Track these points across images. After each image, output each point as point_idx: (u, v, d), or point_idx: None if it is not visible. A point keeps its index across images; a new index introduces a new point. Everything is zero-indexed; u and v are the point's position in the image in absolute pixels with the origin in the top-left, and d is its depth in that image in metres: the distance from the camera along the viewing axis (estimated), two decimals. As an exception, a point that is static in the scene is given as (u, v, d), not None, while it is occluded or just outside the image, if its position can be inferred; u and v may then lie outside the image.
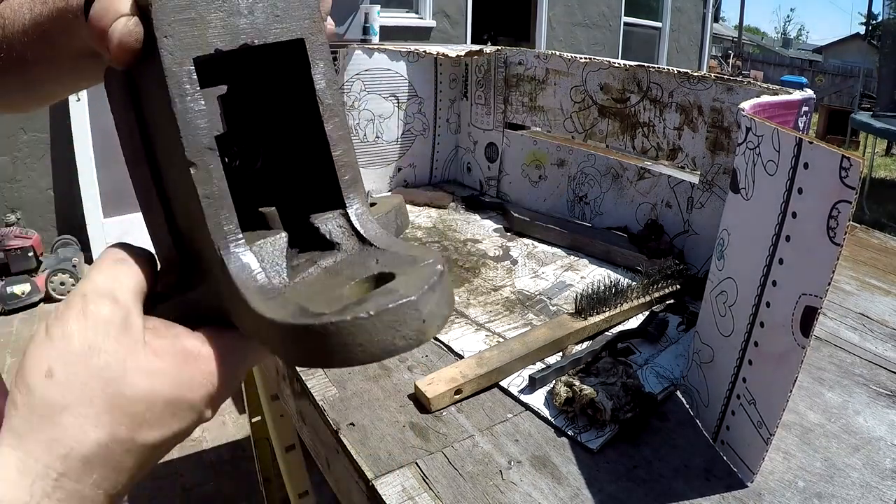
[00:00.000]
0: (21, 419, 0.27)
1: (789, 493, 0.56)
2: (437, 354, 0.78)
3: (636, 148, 1.09)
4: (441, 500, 0.55)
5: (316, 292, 0.32)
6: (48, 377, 0.27)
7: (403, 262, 0.32)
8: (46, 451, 0.26)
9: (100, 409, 0.28)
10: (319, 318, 0.27)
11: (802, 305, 0.50)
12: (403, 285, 0.29)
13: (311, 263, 0.35)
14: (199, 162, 0.30)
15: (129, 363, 0.29)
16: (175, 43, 0.29)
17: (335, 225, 0.36)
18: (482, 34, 6.53)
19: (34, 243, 3.17)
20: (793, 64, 16.70)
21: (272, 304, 0.30)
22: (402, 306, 0.27)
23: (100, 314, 0.29)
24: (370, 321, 0.27)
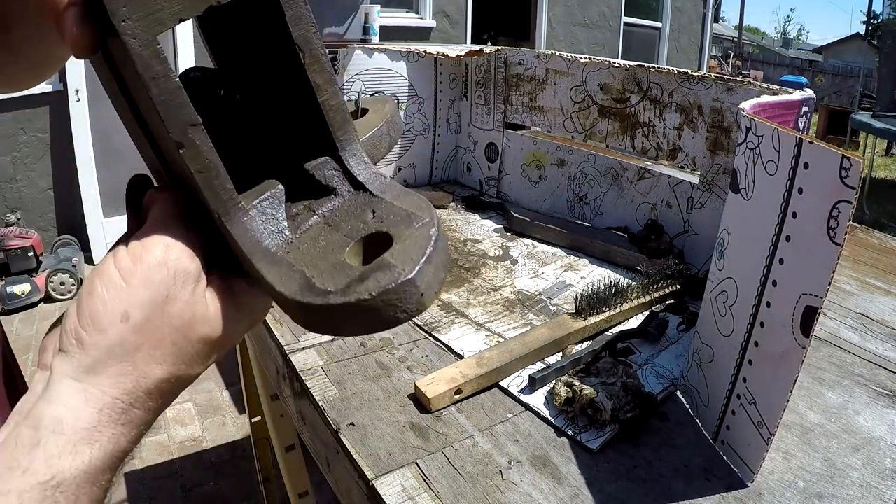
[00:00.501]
0: (87, 356, 0.29)
1: (789, 493, 0.56)
2: (437, 354, 0.78)
3: (636, 148, 1.09)
4: (441, 500, 0.55)
5: (318, 255, 0.32)
6: (124, 321, 0.30)
7: (399, 219, 0.33)
8: (114, 385, 0.30)
9: (167, 350, 0.31)
10: (325, 298, 0.29)
11: (802, 305, 0.50)
12: (400, 258, 0.30)
13: (310, 212, 0.35)
14: (185, 141, 0.30)
15: (196, 312, 0.32)
16: (135, 25, 0.28)
17: (329, 169, 0.36)
18: (482, 34, 6.53)
19: (34, 243, 3.17)
20: (793, 64, 16.71)
21: (278, 272, 0.31)
22: (401, 285, 0.29)
23: (181, 266, 0.31)
24: (373, 301, 0.29)
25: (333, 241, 0.33)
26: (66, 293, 3.14)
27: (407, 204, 0.34)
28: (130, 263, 0.31)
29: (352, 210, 0.35)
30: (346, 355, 0.77)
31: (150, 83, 0.29)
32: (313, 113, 0.36)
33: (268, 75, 0.38)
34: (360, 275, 0.30)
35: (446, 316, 0.87)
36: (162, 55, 0.29)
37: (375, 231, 0.33)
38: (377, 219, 0.34)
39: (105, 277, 0.31)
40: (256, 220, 0.33)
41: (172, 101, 0.30)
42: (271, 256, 0.32)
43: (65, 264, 3.17)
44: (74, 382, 0.29)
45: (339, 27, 4.48)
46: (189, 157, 0.31)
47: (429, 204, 0.33)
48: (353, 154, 0.36)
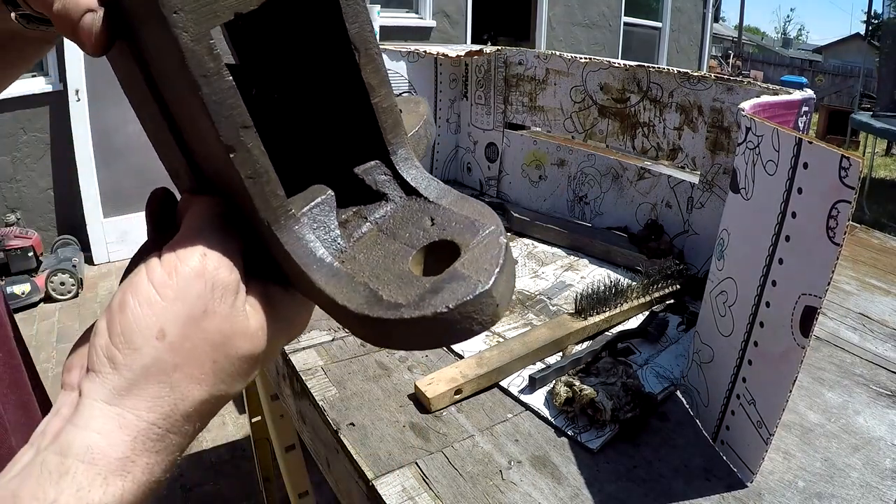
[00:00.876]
0: (120, 377, 0.27)
1: (789, 493, 0.56)
2: (437, 354, 0.78)
3: (636, 148, 1.09)
4: (441, 500, 0.55)
5: (379, 265, 0.31)
6: (160, 339, 0.28)
7: (462, 227, 0.31)
8: (151, 409, 0.27)
9: (207, 370, 0.29)
10: (398, 312, 0.27)
11: (802, 305, 0.50)
12: (473, 268, 0.28)
13: (361, 219, 0.33)
14: (236, 144, 0.28)
15: (236, 327, 0.30)
16: (188, 17, 0.26)
17: (380, 174, 0.34)
18: (482, 34, 6.53)
19: (34, 243, 3.17)
20: (793, 64, 16.71)
21: (338, 284, 0.29)
22: (479, 297, 0.27)
23: (220, 277, 0.29)
24: (450, 314, 0.27)
25: (393, 251, 0.31)
26: (66, 293, 3.14)
27: (468, 211, 0.32)
28: (165, 276, 0.29)
29: (407, 217, 0.33)
30: (346, 355, 0.77)
31: (201, 81, 0.27)
32: (364, 115, 0.34)
33: (313, 74, 0.36)
34: (433, 286, 0.28)
35: (446, 316, 0.87)
36: (215, 51, 0.27)
37: (439, 239, 0.31)
38: (438, 226, 0.32)
39: (138, 291, 0.28)
40: (307, 228, 0.31)
41: (225, 102, 0.28)
42: (328, 267, 0.30)
43: (65, 264, 3.17)
44: (107, 406, 0.27)
45: (339, 27, 4.46)
46: (240, 162, 0.28)
47: (491, 210, 0.32)
48: (405, 158, 0.35)
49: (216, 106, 0.27)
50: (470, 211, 0.32)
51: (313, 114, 0.38)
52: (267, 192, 0.30)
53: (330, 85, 0.35)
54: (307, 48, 0.36)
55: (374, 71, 0.33)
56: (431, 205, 0.33)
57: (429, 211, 0.33)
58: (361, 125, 0.34)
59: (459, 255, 0.29)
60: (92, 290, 3.25)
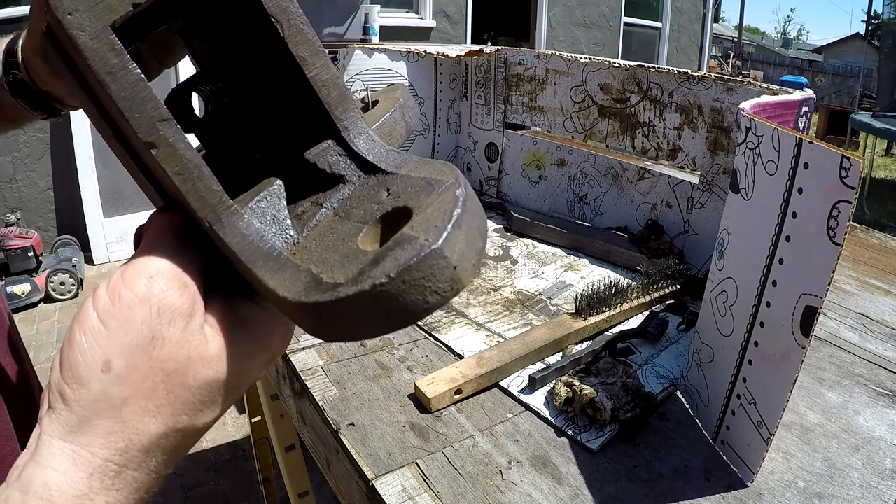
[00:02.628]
0: (72, 414, 0.26)
1: (789, 493, 0.56)
2: (437, 354, 0.78)
3: (636, 148, 1.09)
4: (441, 500, 0.55)
5: (328, 249, 0.28)
6: (105, 371, 0.26)
7: (417, 190, 0.27)
8: (104, 445, 0.26)
9: (161, 401, 0.27)
10: (335, 292, 0.24)
11: (802, 305, 0.50)
12: (422, 228, 0.24)
13: (317, 206, 0.31)
14: (156, 139, 0.26)
15: (192, 353, 0.27)
16: (83, 16, 0.25)
17: (333, 154, 0.31)
18: (482, 34, 6.53)
19: (34, 243, 3.17)
20: (793, 64, 16.71)
21: (283, 276, 0.26)
22: (425, 259, 0.23)
23: (167, 301, 0.27)
24: (392, 284, 0.23)
25: (344, 231, 0.28)
26: (66, 293, 3.14)
27: (426, 172, 0.28)
28: (109, 303, 0.27)
29: (364, 194, 0.30)
30: (346, 355, 0.77)
31: (106, 78, 0.25)
32: (306, 94, 0.31)
33: (252, 63, 0.34)
34: (375, 257, 0.24)
35: (446, 316, 0.87)
36: (118, 46, 0.26)
37: (392, 208, 0.27)
38: (392, 195, 0.28)
39: (83, 322, 0.27)
40: (254, 223, 0.28)
41: (135, 96, 0.26)
42: (274, 261, 0.27)
43: (65, 264, 3.17)
44: (62, 443, 0.26)
45: (339, 27, 4.47)
46: (164, 158, 0.26)
47: (452, 167, 0.28)
48: (358, 133, 0.31)
49: (126, 102, 0.26)
50: (429, 171, 0.28)
51: (267, 107, 0.35)
52: (200, 187, 0.27)
53: (270, 71, 0.33)
54: (240, 36, 0.33)
55: (304, 42, 0.30)
56: (389, 176, 0.30)
57: (385, 182, 0.30)
58: (307, 106, 0.32)
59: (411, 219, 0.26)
60: (92, 290, 3.25)
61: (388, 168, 0.30)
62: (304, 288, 0.25)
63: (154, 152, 0.26)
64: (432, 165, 0.29)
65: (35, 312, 3.03)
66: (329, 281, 0.25)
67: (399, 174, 0.30)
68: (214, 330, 0.28)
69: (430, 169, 0.28)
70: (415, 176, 0.28)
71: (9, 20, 3.28)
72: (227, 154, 0.31)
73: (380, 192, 0.29)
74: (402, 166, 0.30)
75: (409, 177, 0.29)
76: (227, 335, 0.29)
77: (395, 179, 0.29)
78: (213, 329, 0.28)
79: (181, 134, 0.27)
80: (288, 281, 0.26)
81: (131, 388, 0.26)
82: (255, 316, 0.30)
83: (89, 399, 0.26)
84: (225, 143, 0.34)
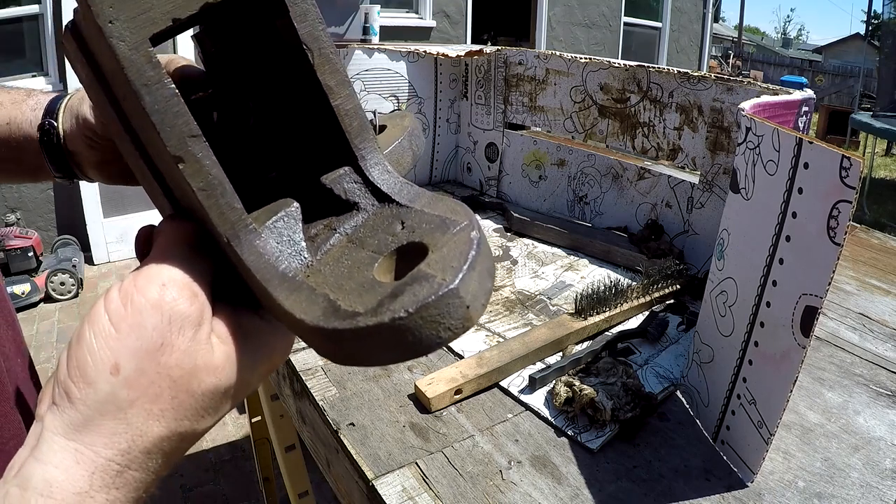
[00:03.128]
0: (76, 412, 0.26)
1: (789, 493, 0.56)
2: (436, 354, 0.78)
3: (636, 148, 1.09)
4: (441, 500, 0.55)
5: (343, 275, 0.29)
6: (114, 373, 0.27)
7: (432, 227, 0.28)
8: (108, 445, 0.26)
9: (166, 405, 0.28)
10: (354, 321, 0.25)
11: (803, 305, 0.50)
12: (439, 267, 0.25)
13: (331, 231, 0.31)
14: (184, 154, 0.27)
15: (198, 361, 0.28)
16: (123, 26, 0.25)
17: (349, 182, 0.32)
18: (482, 34, 6.53)
19: (34, 243, 3.17)
20: (793, 64, 16.71)
21: (298, 298, 0.27)
22: (443, 298, 0.24)
23: (178, 309, 0.28)
24: (410, 319, 0.24)
25: (359, 259, 0.29)
26: (66, 293, 3.14)
27: (440, 210, 0.29)
28: (121, 307, 0.27)
29: (378, 224, 0.31)
30: (346, 355, 0.77)
31: (142, 90, 0.26)
32: (327, 120, 0.32)
33: (275, 83, 0.35)
34: (393, 291, 0.25)
35: (446, 316, 0.87)
36: (155, 59, 0.26)
37: (407, 242, 0.29)
38: (408, 229, 0.29)
39: (94, 323, 0.27)
40: (270, 243, 0.29)
41: (168, 110, 0.27)
42: (289, 282, 0.28)
43: (65, 264, 3.17)
44: (65, 441, 0.26)
45: (339, 27, 4.47)
46: (190, 173, 0.27)
47: (465, 207, 0.29)
48: (375, 163, 0.32)
49: (159, 115, 0.27)
50: (443, 210, 0.29)
51: (283, 125, 0.36)
52: (222, 204, 0.28)
53: (293, 92, 0.34)
54: (266, 56, 0.34)
55: (332, 72, 0.32)
56: (403, 209, 0.31)
57: (400, 215, 0.31)
58: (327, 132, 0.33)
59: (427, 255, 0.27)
60: (92, 290, 3.25)
61: (402, 201, 0.31)
62: (322, 313, 0.26)
63: (181, 167, 0.27)
64: (446, 204, 0.30)
65: (35, 312, 3.03)
66: (347, 309, 0.26)
67: (414, 209, 0.31)
68: (221, 340, 0.29)
69: (444, 207, 0.30)
70: (429, 213, 0.30)
71: (9, 20, 3.28)
72: (242, 169, 0.32)
73: (394, 224, 0.30)
74: (416, 200, 0.31)
75: (423, 213, 0.30)
76: (233, 345, 0.30)
77: (410, 213, 0.30)
78: (220, 339, 0.29)
79: (209, 151, 0.28)
80: (304, 303, 0.27)
81: (138, 391, 0.27)
82: (258, 329, 0.31)
83: (96, 399, 0.26)
84: (241, 158, 0.34)
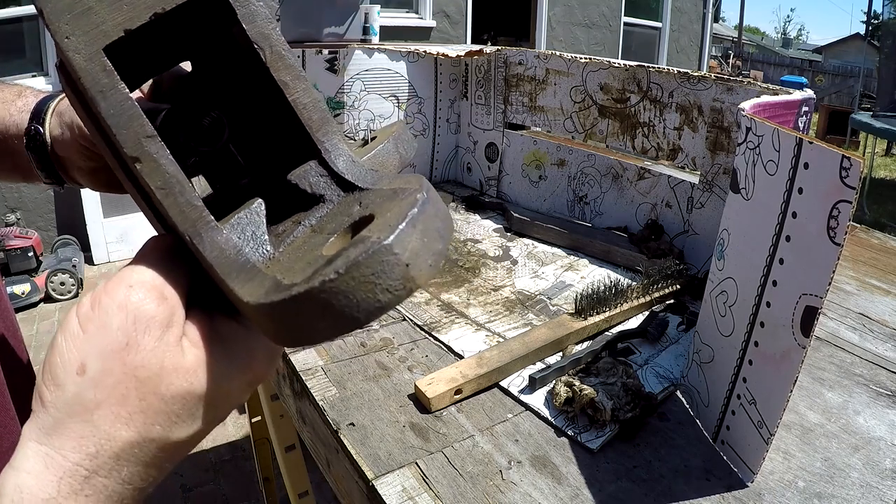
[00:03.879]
0: (48, 416, 0.26)
1: (789, 493, 0.56)
2: (437, 354, 0.78)
3: (636, 148, 1.09)
4: (441, 500, 0.55)
5: (297, 258, 0.29)
6: (80, 373, 0.26)
7: (384, 198, 0.29)
8: (76, 449, 0.26)
9: (133, 408, 0.27)
10: (289, 291, 0.24)
11: (803, 305, 0.50)
12: (377, 228, 0.25)
13: (296, 225, 0.32)
14: (140, 154, 0.28)
15: (166, 362, 0.28)
16: (78, 40, 0.27)
17: (315, 175, 0.33)
18: (482, 34, 6.53)
19: (34, 243, 3.17)
20: (793, 64, 16.71)
21: (251, 285, 0.27)
22: (373, 255, 0.24)
23: (143, 309, 0.28)
24: (342, 280, 0.23)
25: (315, 243, 0.30)
26: (66, 293, 3.14)
27: (396, 184, 0.30)
28: (89, 309, 0.28)
29: (339, 210, 0.31)
30: (346, 355, 0.77)
31: (97, 97, 0.27)
32: (288, 117, 0.33)
33: (240, 92, 0.36)
34: (329, 258, 0.25)
35: (446, 316, 0.87)
36: (108, 66, 0.28)
37: (359, 218, 0.29)
38: (362, 207, 0.30)
39: (64, 327, 0.28)
40: (232, 238, 0.30)
41: (122, 113, 0.28)
42: (247, 272, 0.28)
43: (65, 264, 3.17)
44: (37, 446, 0.26)
45: (339, 27, 4.47)
46: (147, 172, 0.28)
47: (420, 177, 0.29)
48: (339, 154, 0.33)
49: (115, 118, 0.28)
50: (398, 183, 0.30)
51: (255, 133, 0.37)
52: (181, 202, 0.29)
53: (256, 98, 0.35)
54: (224, 62, 0.35)
55: (285, 67, 0.32)
56: (364, 192, 0.32)
57: (360, 198, 0.31)
58: (291, 129, 0.33)
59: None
60: (92, 291, 3.25)
61: (364, 185, 0.32)
62: (265, 292, 0.26)
63: (138, 166, 0.28)
64: (403, 178, 0.30)
65: (35, 312, 3.03)
66: (287, 283, 0.25)
67: (372, 189, 0.31)
68: (192, 343, 0.29)
69: (400, 181, 0.30)
70: (384, 189, 0.30)
71: (9, 20, 3.28)
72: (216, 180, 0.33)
73: (352, 207, 0.31)
74: (378, 183, 0.32)
75: (380, 190, 0.30)
76: (206, 349, 0.29)
77: (368, 194, 0.31)
78: (192, 342, 0.29)
79: (165, 150, 0.28)
80: (254, 288, 0.27)
81: (104, 391, 0.27)
82: (235, 334, 0.30)
83: (64, 401, 0.26)
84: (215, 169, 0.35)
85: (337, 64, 1.25)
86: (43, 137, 0.47)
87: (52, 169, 0.48)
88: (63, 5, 0.27)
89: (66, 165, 0.48)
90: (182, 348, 0.28)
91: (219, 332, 0.30)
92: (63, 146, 0.47)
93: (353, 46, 1.27)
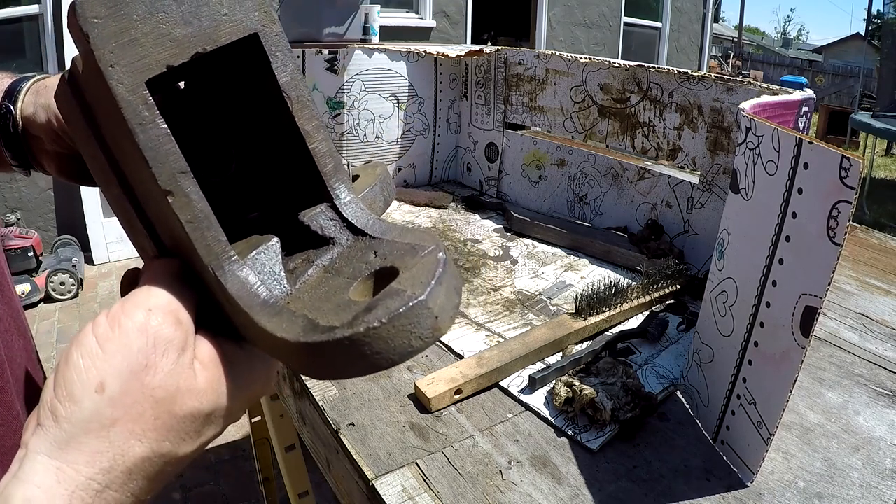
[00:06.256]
0: (61, 430, 0.27)
1: (789, 493, 0.56)
2: (437, 354, 0.78)
3: (636, 148, 1.09)
4: (441, 500, 0.55)
5: (321, 298, 0.31)
6: (99, 392, 0.27)
7: (403, 253, 0.31)
8: (89, 464, 0.27)
9: (147, 426, 0.28)
10: (332, 334, 0.27)
11: (802, 305, 0.50)
12: (409, 283, 0.28)
13: (309, 264, 0.34)
14: (174, 189, 0.29)
15: (181, 383, 0.29)
16: (122, 70, 0.28)
17: (326, 219, 0.35)
18: (482, 34, 6.53)
19: (34, 243, 3.16)
20: (793, 64, 16.70)
21: (279, 320, 0.29)
22: (412, 308, 0.27)
23: (163, 333, 0.29)
24: (384, 329, 0.27)
25: (336, 285, 0.32)
26: (66, 293, 3.14)
27: (410, 238, 0.32)
28: (108, 329, 0.29)
29: (353, 255, 0.34)
30: (346, 355, 0.77)
31: (136, 129, 0.28)
32: (304, 161, 0.35)
33: (255, 126, 0.38)
34: (367, 306, 0.28)
35: (446, 316, 0.87)
36: (149, 100, 0.29)
37: (380, 267, 0.31)
38: (380, 257, 0.32)
39: (81, 345, 0.28)
40: (252, 274, 0.31)
41: (160, 147, 0.29)
42: (270, 307, 0.30)
43: (65, 264, 3.17)
44: (48, 460, 0.27)
45: (339, 27, 4.47)
46: (179, 207, 0.29)
47: (433, 235, 0.32)
48: (349, 201, 0.35)
49: (152, 152, 0.29)
50: (412, 238, 0.32)
51: (262, 165, 0.39)
52: (208, 237, 0.30)
53: (271, 135, 0.37)
54: (248, 102, 0.37)
55: (309, 118, 0.34)
56: (376, 240, 0.34)
57: (373, 246, 0.33)
58: (305, 171, 0.35)
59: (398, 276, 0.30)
60: (92, 290, 3.25)
61: (374, 234, 0.34)
62: (302, 330, 0.28)
63: (171, 199, 0.29)
64: (415, 233, 0.33)
65: (35, 312, 3.03)
66: (325, 325, 0.28)
67: (385, 239, 0.34)
68: (203, 365, 0.31)
69: (413, 236, 0.32)
70: (400, 242, 0.32)
71: (9, 20, 3.28)
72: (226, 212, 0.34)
73: (368, 254, 0.33)
74: (387, 233, 0.34)
75: (394, 242, 0.33)
76: (215, 372, 0.31)
77: (382, 244, 0.33)
78: (202, 364, 0.31)
79: (196, 187, 0.30)
80: (285, 324, 0.29)
81: (122, 410, 0.28)
82: (239, 358, 0.32)
83: (80, 417, 0.27)
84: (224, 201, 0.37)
85: (337, 64, 1.25)
86: (14, 116, 0.46)
87: (20, 150, 0.48)
88: (109, 33, 0.28)
89: (34, 149, 0.47)
90: (194, 370, 0.30)
91: (226, 355, 0.32)
92: (35, 126, 0.46)
93: (353, 46, 1.27)
